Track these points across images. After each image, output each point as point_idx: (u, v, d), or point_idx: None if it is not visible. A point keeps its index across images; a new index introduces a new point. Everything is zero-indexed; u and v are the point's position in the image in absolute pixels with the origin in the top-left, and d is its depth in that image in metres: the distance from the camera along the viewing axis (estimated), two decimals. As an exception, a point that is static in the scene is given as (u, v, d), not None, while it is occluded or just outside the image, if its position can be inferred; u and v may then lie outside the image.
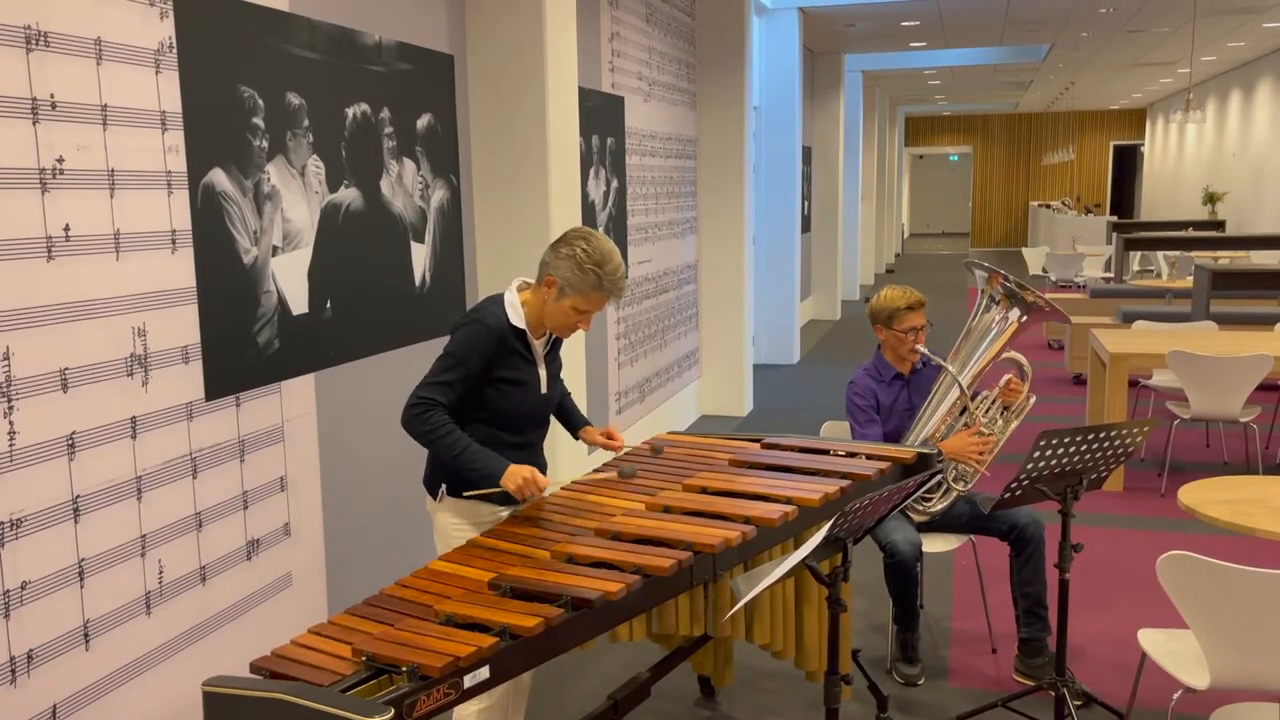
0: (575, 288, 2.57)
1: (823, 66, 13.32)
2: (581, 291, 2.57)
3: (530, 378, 2.68)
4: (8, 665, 2.30)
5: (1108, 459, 3.06)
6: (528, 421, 2.71)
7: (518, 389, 2.65)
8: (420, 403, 2.53)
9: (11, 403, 2.29)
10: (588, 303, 2.59)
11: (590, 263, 2.55)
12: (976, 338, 3.62)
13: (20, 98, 2.29)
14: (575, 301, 2.59)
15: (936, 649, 3.86)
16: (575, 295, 2.58)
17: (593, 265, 2.55)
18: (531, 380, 2.68)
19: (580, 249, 2.56)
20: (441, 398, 2.54)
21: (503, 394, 2.63)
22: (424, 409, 2.52)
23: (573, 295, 2.58)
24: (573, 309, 2.60)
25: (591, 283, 2.56)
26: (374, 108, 3.60)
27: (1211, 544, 4.88)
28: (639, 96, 6.28)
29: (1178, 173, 21.00)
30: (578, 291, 2.57)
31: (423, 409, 2.52)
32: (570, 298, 2.58)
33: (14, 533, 2.30)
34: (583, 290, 2.57)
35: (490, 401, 2.64)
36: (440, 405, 2.54)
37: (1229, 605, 2.54)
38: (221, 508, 2.95)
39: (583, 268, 2.55)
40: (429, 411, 2.52)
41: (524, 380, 2.66)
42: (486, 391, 2.63)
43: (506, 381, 2.63)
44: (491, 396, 2.63)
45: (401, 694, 1.76)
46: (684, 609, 2.52)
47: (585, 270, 2.55)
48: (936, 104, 23.96)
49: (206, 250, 2.85)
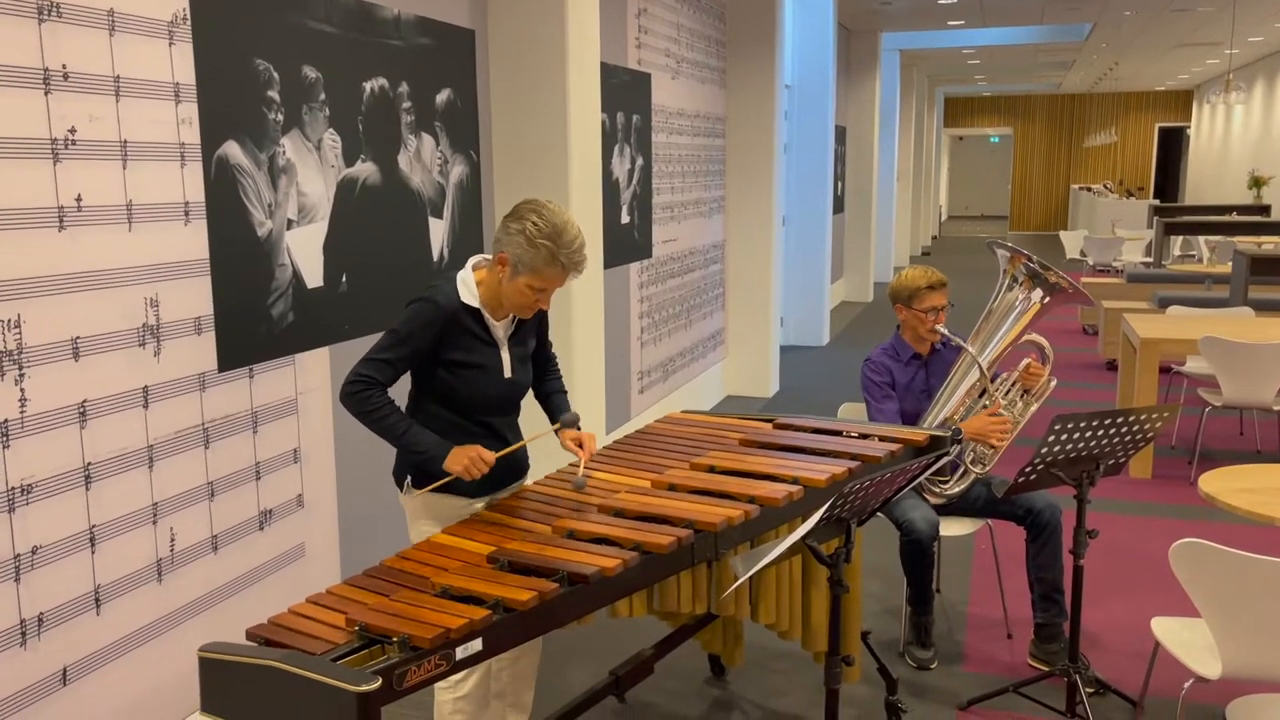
0: (527, 264, 2.41)
1: (858, 45, 13.16)
2: (534, 269, 2.41)
3: (488, 361, 2.53)
4: (18, 627, 2.35)
5: (1125, 445, 3.01)
6: (488, 407, 2.56)
7: (474, 372, 2.51)
8: (359, 380, 2.40)
9: (23, 370, 2.32)
10: (543, 280, 2.43)
11: (542, 237, 2.39)
12: (997, 319, 3.57)
13: (32, 68, 2.31)
14: (529, 279, 2.43)
15: (951, 633, 3.84)
16: (529, 273, 2.42)
17: (544, 239, 2.39)
18: (490, 364, 2.53)
19: (531, 222, 2.40)
20: (380, 376, 2.42)
21: (457, 377, 2.50)
22: (363, 387, 2.40)
23: (526, 273, 2.42)
24: (528, 286, 2.44)
25: (544, 258, 2.40)
26: (392, 82, 3.60)
27: (1236, 534, 4.80)
28: (666, 73, 6.24)
29: (1223, 156, 20.57)
30: (530, 269, 2.41)
31: (362, 386, 2.40)
32: (524, 275, 2.43)
33: (24, 498, 2.34)
34: (535, 267, 2.41)
35: (443, 384, 2.51)
36: (379, 384, 2.42)
37: (1242, 594, 2.50)
38: (234, 478, 2.98)
39: (534, 243, 2.39)
40: (368, 390, 2.40)
41: (480, 364, 2.51)
42: (438, 373, 2.50)
43: (460, 364, 2.49)
44: (444, 379, 2.50)
45: (392, 664, 1.76)
46: (686, 587, 2.51)
47: (537, 245, 2.39)
48: (976, 84, 23.61)
49: (220, 222, 2.87)
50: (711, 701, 3.37)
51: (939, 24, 13.11)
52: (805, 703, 3.35)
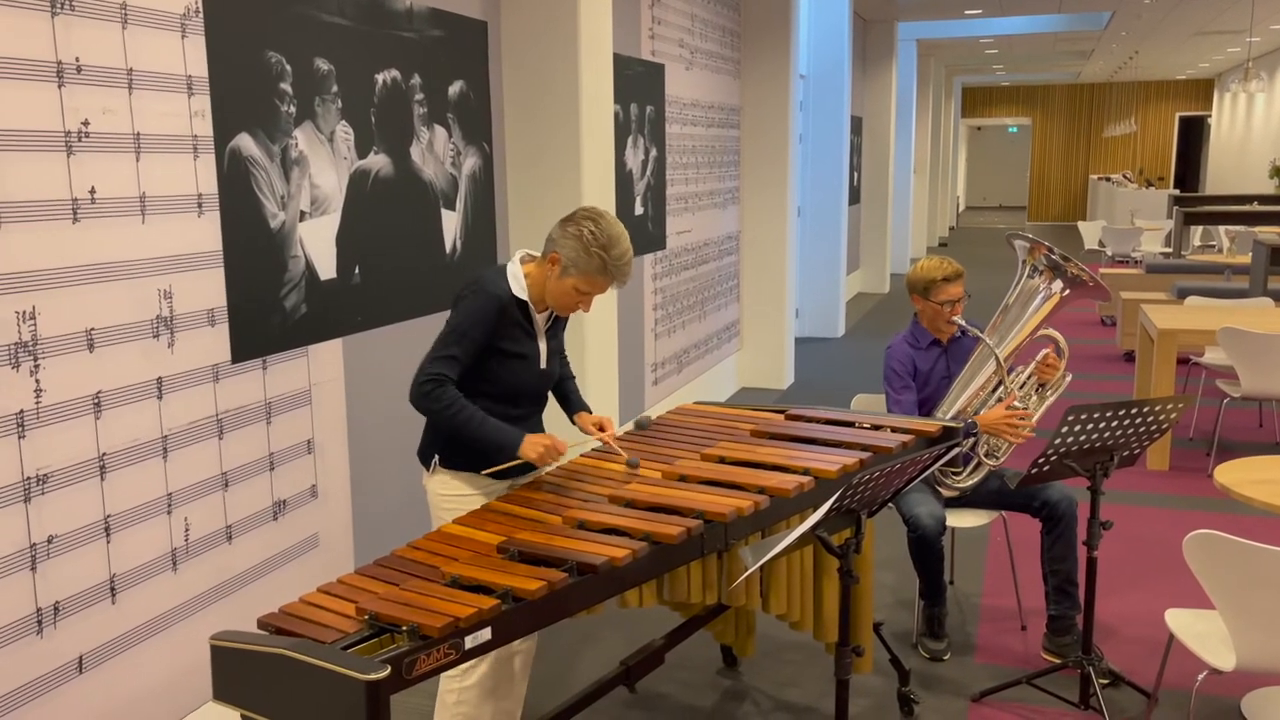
0: (579, 268, 2.53)
1: (874, 34, 13.08)
2: (585, 273, 2.53)
3: (530, 351, 2.65)
4: (34, 616, 2.37)
5: (1140, 436, 2.99)
6: (525, 395, 2.68)
7: (518, 361, 2.62)
8: (431, 379, 2.51)
9: (38, 361, 2.34)
10: (590, 284, 2.55)
11: (597, 245, 2.50)
12: (1016, 310, 3.55)
13: (46, 61, 2.32)
14: (578, 282, 2.55)
15: (965, 625, 3.83)
16: (578, 275, 2.54)
17: (599, 248, 2.51)
18: (531, 354, 2.65)
19: (589, 230, 2.52)
20: (450, 373, 2.52)
21: (505, 366, 2.61)
22: (435, 385, 2.51)
23: (575, 275, 2.54)
24: (574, 289, 2.56)
25: (596, 266, 2.52)
26: (404, 74, 3.60)
27: (1253, 525, 4.77)
28: (680, 64, 6.22)
29: (1245, 145, 20.36)
30: (581, 272, 2.53)
31: (434, 385, 2.51)
32: (573, 277, 2.54)
33: (40, 488, 2.36)
34: (586, 272, 2.53)
35: (491, 372, 2.61)
36: (450, 380, 2.52)
37: (1256, 586, 2.48)
38: (248, 468, 3.00)
39: (589, 250, 2.51)
40: (441, 388, 2.51)
41: (524, 354, 2.63)
42: (489, 363, 2.60)
43: (508, 354, 2.60)
44: (494, 368, 2.60)
45: (401, 653, 1.78)
46: (696, 577, 2.51)
47: (591, 253, 2.51)
48: (994, 74, 23.44)
49: (233, 214, 2.88)
50: (723, 692, 3.37)
51: (956, 13, 13.01)
52: (817, 693, 3.35)
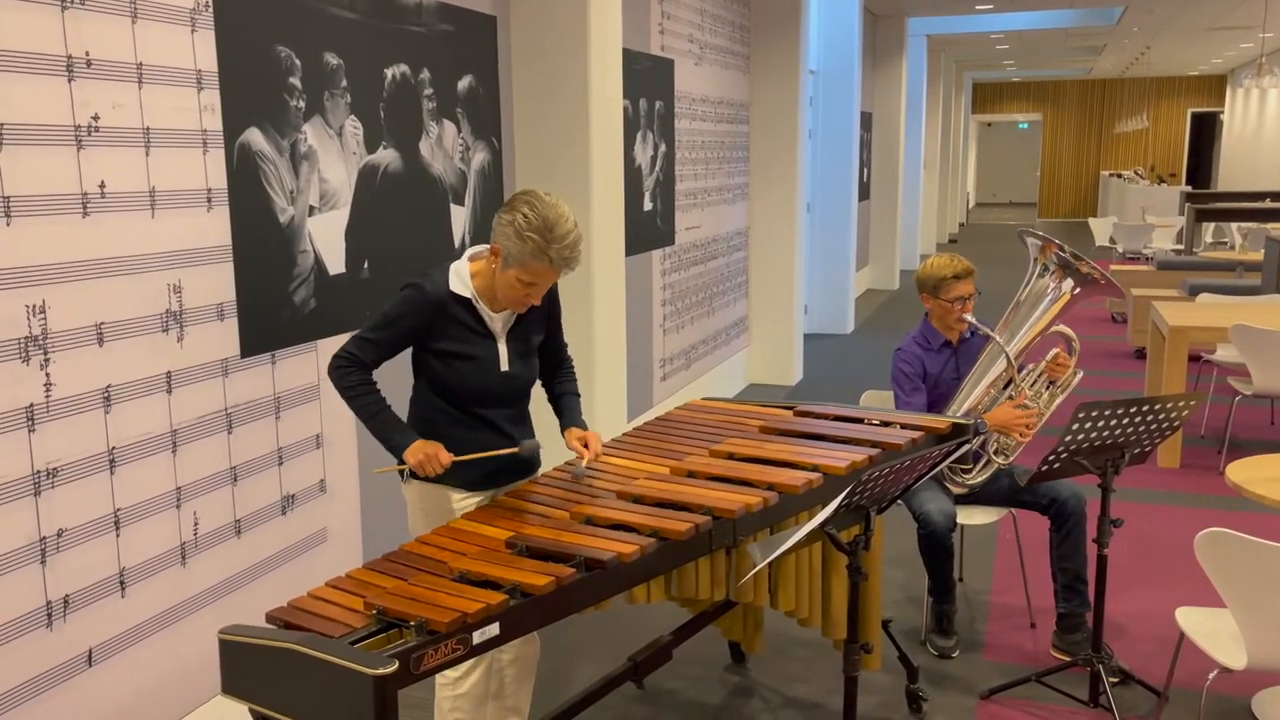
0: (516, 258, 2.37)
1: (885, 30, 13.04)
2: (522, 262, 2.36)
3: (482, 352, 2.50)
4: (44, 610, 2.38)
5: (1151, 433, 2.98)
6: (485, 399, 2.53)
7: (465, 363, 2.49)
8: (343, 357, 2.44)
9: (48, 355, 2.35)
10: (531, 274, 2.38)
11: (531, 230, 2.34)
12: (1026, 308, 3.54)
13: (56, 55, 2.33)
14: (518, 273, 2.39)
15: (974, 622, 3.82)
16: (517, 266, 2.38)
17: (533, 233, 2.34)
18: (484, 356, 2.50)
19: (522, 215, 2.35)
20: (363, 354, 2.44)
21: (449, 367, 2.49)
22: (346, 363, 2.44)
23: (515, 266, 2.38)
24: (517, 280, 2.40)
25: (531, 251, 2.34)
26: (414, 69, 3.60)
27: (1265, 523, 4.74)
28: (690, 60, 6.21)
29: (1257, 142, 20.24)
30: (518, 262, 2.37)
31: (345, 363, 2.44)
32: (513, 268, 2.39)
33: (50, 482, 2.37)
34: (523, 260, 2.36)
35: (436, 373, 2.51)
36: (360, 362, 2.45)
37: (1268, 585, 2.47)
38: (257, 463, 3.01)
39: (523, 235, 2.34)
40: (349, 367, 2.44)
41: (472, 355, 2.49)
42: (431, 362, 2.51)
43: (450, 355, 2.48)
44: (436, 368, 2.50)
45: (409, 648, 1.78)
46: (704, 573, 2.51)
47: (525, 238, 2.34)
48: (1005, 70, 23.34)
49: (242, 209, 2.88)
50: (731, 688, 3.37)
51: (967, 8, 12.96)
52: (825, 690, 3.35)
